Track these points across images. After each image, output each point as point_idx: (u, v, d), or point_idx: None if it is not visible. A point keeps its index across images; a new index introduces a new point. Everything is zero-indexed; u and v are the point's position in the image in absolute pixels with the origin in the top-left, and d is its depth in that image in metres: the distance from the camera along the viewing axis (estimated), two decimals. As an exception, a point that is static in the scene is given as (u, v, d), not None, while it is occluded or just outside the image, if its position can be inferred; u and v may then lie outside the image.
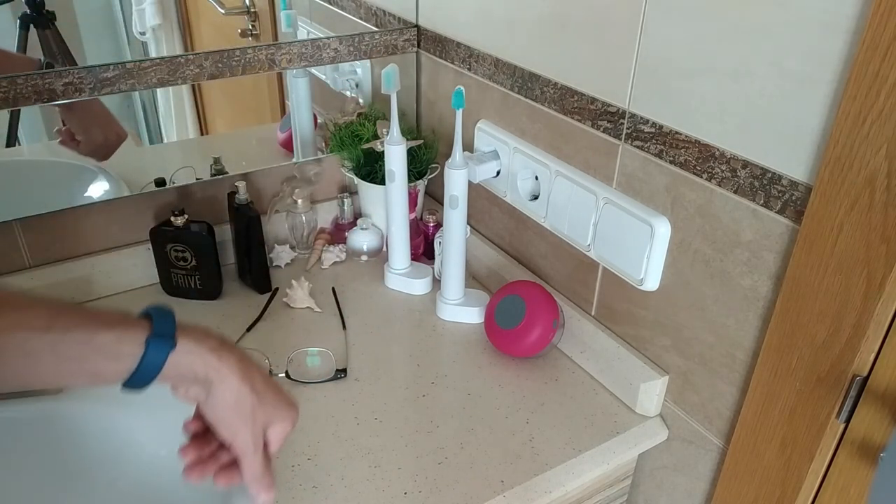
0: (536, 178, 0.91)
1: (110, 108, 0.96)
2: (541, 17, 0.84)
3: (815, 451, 0.63)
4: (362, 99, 1.15)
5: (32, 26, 0.88)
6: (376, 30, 1.09)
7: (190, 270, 1.00)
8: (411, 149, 1.06)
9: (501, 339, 0.91)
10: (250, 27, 1.03)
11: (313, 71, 1.09)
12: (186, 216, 0.98)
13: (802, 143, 0.60)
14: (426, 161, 1.10)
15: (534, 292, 0.89)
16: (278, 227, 1.12)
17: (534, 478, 0.75)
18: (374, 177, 1.08)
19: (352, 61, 1.09)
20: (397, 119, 0.94)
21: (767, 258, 0.66)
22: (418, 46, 1.12)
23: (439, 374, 0.89)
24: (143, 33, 0.96)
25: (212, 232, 1.00)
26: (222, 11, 1.01)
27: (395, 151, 0.96)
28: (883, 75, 0.51)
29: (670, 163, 0.72)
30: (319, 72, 1.10)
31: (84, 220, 0.98)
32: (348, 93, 1.14)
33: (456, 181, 0.91)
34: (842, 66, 0.55)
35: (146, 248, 1.01)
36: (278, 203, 1.10)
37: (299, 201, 1.08)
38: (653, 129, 0.73)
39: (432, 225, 1.12)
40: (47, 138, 0.94)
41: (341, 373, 0.88)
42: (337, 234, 1.16)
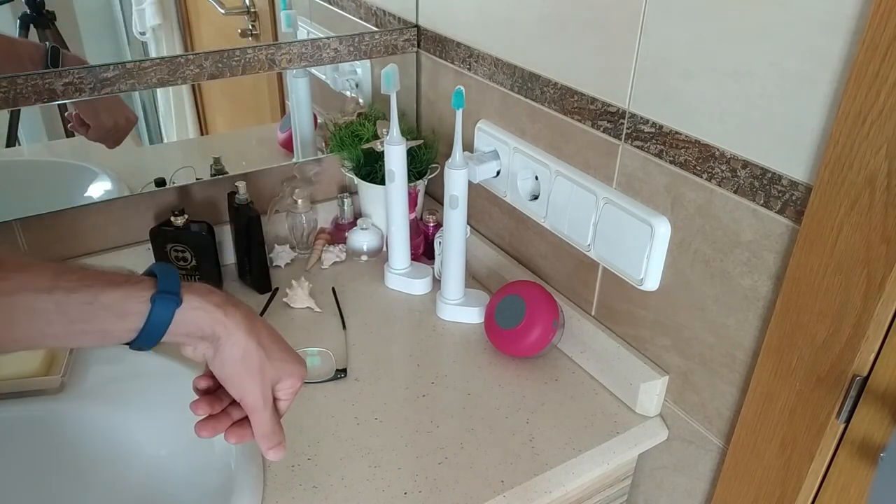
0: (536, 178, 0.91)
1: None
2: (541, 17, 0.84)
3: (815, 451, 0.63)
4: (362, 99, 1.15)
5: (32, 26, 0.88)
6: (376, 30, 1.09)
7: (190, 270, 1.00)
8: (411, 149, 1.06)
9: (501, 339, 0.91)
10: (250, 27, 1.03)
11: (313, 71, 1.09)
12: (186, 216, 0.98)
13: (802, 143, 0.60)
14: (426, 161, 1.10)
15: (534, 292, 0.89)
16: (278, 227, 1.12)
17: (534, 478, 0.75)
18: (374, 177, 1.08)
19: (352, 61, 1.09)
20: (397, 119, 0.94)
21: (767, 258, 0.66)
22: (418, 46, 1.12)
23: (439, 374, 0.89)
24: (143, 33, 0.96)
25: (212, 232, 1.00)
26: (222, 11, 1.01)
27: (395, 151, 0.96)
28: (883, 75, 0.51)
29: (670, 163, 0.72)
30: (319, 72, 1.10)
31: (84, 220, 0.98)
32: (348, 93, 1.14)
33: (456, 181, 0.91)
34: (842, 66, 0.55)
35: (146, 248, 1.01)
36: (278, 203, 1.10)
37: (299, 201, 1.08)
38: (653, 129, 0.73)
39: (432, 225, 1.12)
40: (47, 138, 0.94)
41: (341, 373, 0.88)
42: (337, 234, 1.16)
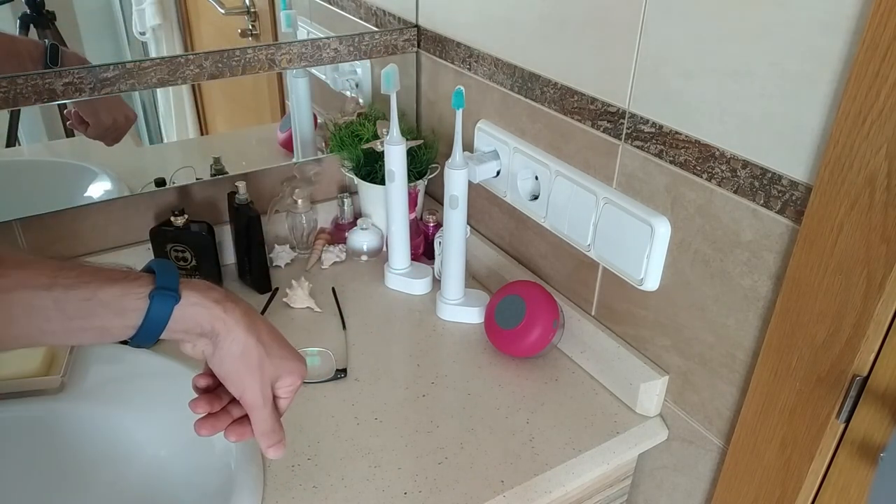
0: (536, 178, 0.91)
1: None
2: (541, 17, 0.84)
3: (815, 451, 0.63)
4: (362, 99, 1.15)
5: (32, 26, 0.88)
6: (376, 30, 1.09)
7: (190, 270, 1.00)
8: (411, 149, 1.06)
9: (501, 339, 0.91)
10: (250, 27, 1.03)
11: (313, 71, 1.09)
12: (186, 216, 0.98)
13: (802, 143, 0.60)
14: (426, 161, 1.10)
15: (534, 292, 0.89)
16: (278, 227, 1.12)
17: (534, 478, 0.75)
18: (374, 177, 1.08)
19: (352, 61, 1.09)
20: (397, 119, 0.94)
21: (767, 258, 0.66)
22: (418, 46, 1.12)
23: (439, 374, 0.89)
24: (143, 33, 0.96)
25: (212, 232, 1.00)
26: (222, 11, 1.01)
27: (395, 151, 0.96)
28: (883, 75, 0.51)
29: (670, 163, 0.72)
30: (319, 72, 1.10)
31: (84, 220, 0.98)
32: (348, 93, 1.14)
33: (456, 181, 0.91)
34: (842, 66, 0.55)
35: (146, 248, 1.01)
36: (278, 203, 1.10)
37: (299, 201, 1.08)
38: (653, 129, 0.73)
39: (432, 225, 1.12)
40: (47, 138, 0.94)
41: (341, 373, 0.88)
42: (337, 234, 1.16)
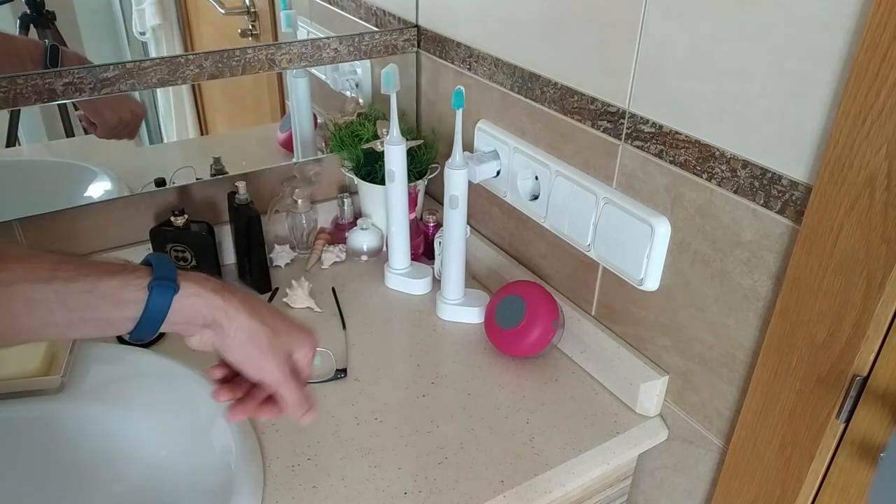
0: (536, 178, 0.91)
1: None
2: (541, 16, 0.84)
3: (815, 451, 0.63)
4: (362, 99, 1.15)
5: (32, 26, 0.88)
6: (376, 30, 1.09)
7: (190, 270, 1.00)
8: (411, 149, 1.06)
9: (501, 339, 0.91)
10: (250, 27, 1.03)
11: (313, 71, 1.09)
12: (186, 216, 0.98)
13: (802, 143, 0.60)
14: (426, 161, 1.10)
15: (534, 292, 0.89)
16: (278, 227, 1.12)
17: (534, 478, 0.75)
18: (374, 177, 1.08)
19: (352, 61, 1.09)
20: (397, 119, 0.94)
21: (767, 258, 0.66)
22: (418, 46, 1.12)
23: (439, 374, 0.89)
24: (143, 33, 0.96)
25: (212, 232, 1.00)
26: (222, 11, 1.01)
27: (395, 151, 0.95)
28: (883, 75, 0.51)
29: (670, 163, 0.72)
30: (319, 72, 1.10)
31: (84, 220, 0.98)
32: (348, 93, 1.14)
33: (456, 181, 0.91)
34: (842, 66, 0.55)
35: (146, 248, 1.01)
36: (278, 203, 1.10)
37: (299, 201, 1.08)
38: (653, 129, 0.73)
39: (432, 225, 1.12)
40: (47, 138, 0.94)
41: (341, 373, 0.88)
42: (337, 234, 1.16)
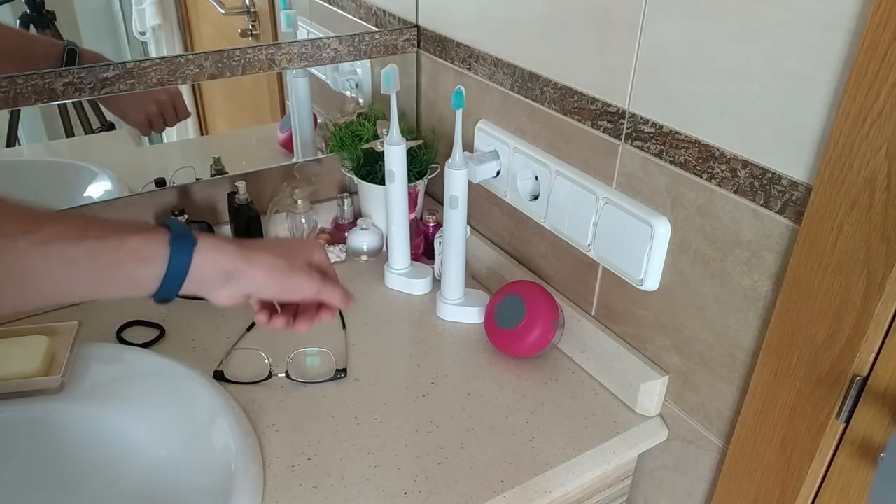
0: (536, 178, 0.91)
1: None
2: (541, 16, 0.84)
3: (815, 451, 0.63)
4: (362, 99, 1.15)
5: (32, 26, 0.88)
6: (376, 30, 1.09)
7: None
8: (411, 149, 1.06)
9: (501, 339, 0.91)
10: (250, 27, 1.03)
11: (313, 71, 1.09)
12: (186, 216, 0.98)
13: (802, 143, 0.60)
14: (426, 161, 1.10)
15: (534, 292, 0.89)
16: (278, 227, 1.12)
17: (534, 478, 0.75)
18: (374, 177, 1.08)
19: (352, 61, 1.09)
20: (397, 119, 0.94)
21: (767, 258, 0.66)
22: (418, 46, 1.12)
23: (439, 374, 0.89)
24: (143, 33, 0.96)
25: (212, 232, 1.00)
26: (222, 11, 1.01)
27: (395, 151, 0.95)
28: (883, 75, 0.51)
29: (670, 163, 0.72)
30: (319, 72, 1.10)
31: (84, 220, 0.98)
32: (348, 93, 1.14)
33: (456, 181, 0.91)
34: (842, 66, 0.55)
35: (146, 248, 1.01)
36: (278, 203, 1.10)
37: (299, 201, 1.08)
38: (653, 129, 0.73)
39: (432, 225, 1.12)
40: (47, 138, 0.94)
41: (341, 373, 0.88)
42: (337, 234, 1.16)
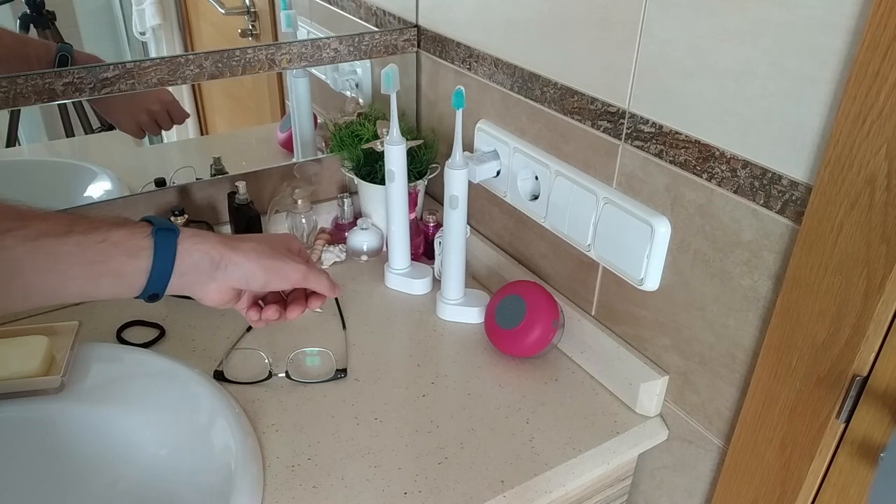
0: (536, 178, 0.91)
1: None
2: (541, 16, 0.84)
3: (815, 451, 0.63)
4: (362, 99, 1.15)
5: (32, 26, 0.88)
6: (376, 30, 1.09)
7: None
8: (411, 149, 1.06)
9: (501, 339, 0.91)
10: (250, 27, 1.03)
11: (313, 71, 1.09)
12: (186, 216, 0.98)
13: (802, 142, 0.60)
14: (426, 161, 1.10)
15: (534, 292, 0.89)
16: (278, 227, 1.12)
17: (534, 478, 0.75)
18: (374, 177, 1.08)
19: (352, 61, 1.09)
20: (397, 119, 0.94)
21: (767, 258, 0.66)
22: (418, 46, 1.12)
23: (439, 374, 0.89)
24: (143, 33, 0.96)
25: (212, 231, 1.00)
26: (222, 11, 1.01)
27: (395, 151, 0.95)
28: (883, 75, 0.51)
29: (670, 163, 0.72)
30: (319, 72, 1.10)
31: (84, 220, 0.98)
32: (348, 93, 1.14)
33: (456, 181, 0.91)
34: (842, 66, 0.55)
35: (146, 248, 1.01)
36: (278, 203, 1.10)
37: (299, 201, 1.08)
38: (653, 129, 0.73)
39: (432, 225, 1.12)
40: (47, 138, 0.94)
41: (341, 373, 0.88)
42: (337, 234, 1.16)
